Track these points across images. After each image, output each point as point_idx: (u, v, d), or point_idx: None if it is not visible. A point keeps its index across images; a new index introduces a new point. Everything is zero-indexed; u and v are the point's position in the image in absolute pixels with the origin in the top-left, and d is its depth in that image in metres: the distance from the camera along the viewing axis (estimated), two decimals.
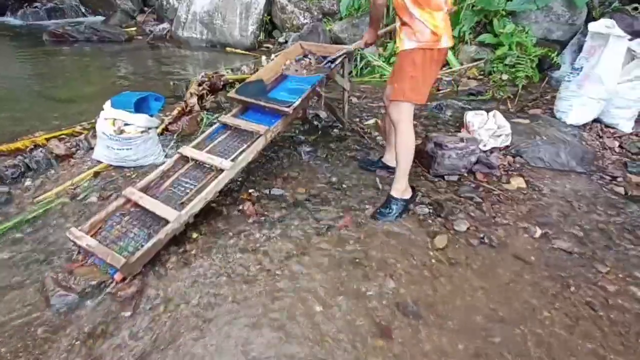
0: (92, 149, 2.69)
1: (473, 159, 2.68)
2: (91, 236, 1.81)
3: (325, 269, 1.86)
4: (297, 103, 2.37)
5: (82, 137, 2.78)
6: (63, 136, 2.79)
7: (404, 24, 1.96)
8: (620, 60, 3.02)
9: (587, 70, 3.13)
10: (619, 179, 2.72)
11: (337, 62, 2.79)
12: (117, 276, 1.66)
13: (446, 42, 1.97)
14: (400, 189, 2.21)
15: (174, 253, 1.89)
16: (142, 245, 1.76)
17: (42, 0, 7.90)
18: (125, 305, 1.59)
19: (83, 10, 8.06)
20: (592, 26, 3.10)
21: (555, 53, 4.66)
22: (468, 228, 2.18)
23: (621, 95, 3.12)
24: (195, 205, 1.92)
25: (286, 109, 2.32)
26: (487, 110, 3.44)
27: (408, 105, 2.07)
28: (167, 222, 1.83)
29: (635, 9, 5.17)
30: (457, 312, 1.68)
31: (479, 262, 1.96)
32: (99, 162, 2.57)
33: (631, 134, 3.24)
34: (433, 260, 1.96)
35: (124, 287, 1.65)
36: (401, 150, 2.13)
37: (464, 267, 1.93)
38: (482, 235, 2.12)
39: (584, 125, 3.28)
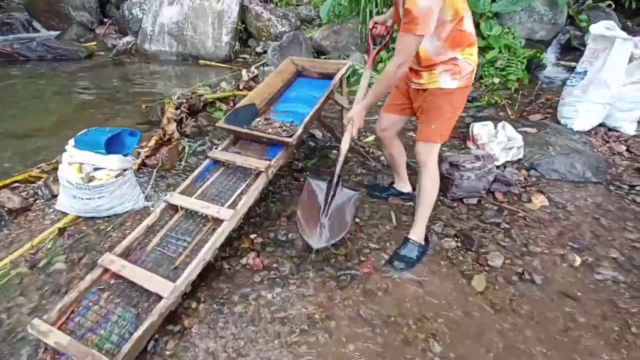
0: (54, 197, 2.25)
1: (491, 177, 2.47)
2: (61, 325, 1.42)
3: (357, 336, 1.55)
4: (300, 130, 2.06)
5: (40, 182, 2.34)
6: (16, 184, 2.33)
7: (439, 63, 1.70)
8: (625, 62, 2.91)
9: (592, 74, 3.00)
10: (637, 188, 2.59)
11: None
12: None
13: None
14: (422, 231, 1.99)
15: (171, 334, 1.52)
16: (130, 333, 1.39)
17: None
18: None
19: (35, 25, 7.32)
20: (594, 29, 2.97)
21: (542, 53, 4.60)
22: (503, 262, 1.94)
23: (625, 98, 3.01)
24: (193, 270, 1.57)
25: (288, 140, 2.00)
26: (487, 119, 3.27)
27: (438, 145, 1.87)
28: (159, 297, 1.47)
29: (610, 5, 5.22)
30: None
31: (525, 305, 1.73)
32: (64, 213, 2.14)
33: (635, 136, 3.14)
34: (476, 309, 1.70)
35: None
36: (428, 193, 1.92)
37: (512, 314, 1.68)
38: (520, 270, 1.89)
39: (589, 130, 3.16)
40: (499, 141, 2.77)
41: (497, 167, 2.63)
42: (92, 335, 1.41)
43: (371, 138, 3.19)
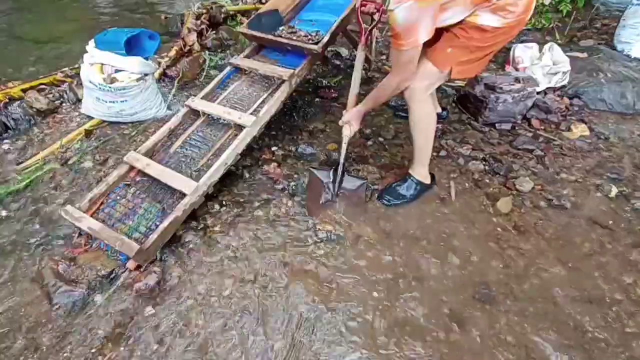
0: (79, 101, 2.25)
1: (530, 103, 2.29)
2: (92, 214, 1.48)
3: (375, 244, 1.57)
4: (326, 38, 1.91)
5: (65, 86, 2.33)
6: (42, 86, 2.33)
7: None
8: None
9: None
10: None
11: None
12: (131, 264, 1.37)
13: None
14: (422, 174, 1.76)
15: (194, 230, 1.58)
16: (156, 225, 1.44)
17: None
18: (145, 300, 1.31)
19: None
20: None
21: None
22: (533, 187, 1.86)
23: None
24: (215, 172, 1.57)
25: (314, 47, 1.87)
26: (533, 42, 2.96)
27: (439, 75, 1.53)
28: (183, 194, 1.49)
29: None
30: (537, 293, 1.42)
31: (552, 228, 1.68)
32: (90, 117, 2.16)
33: None
34: (498, 229, 1.67)
35: (140, 277, 1.36)
36: (422, 127, 1.64)
37: (535, 235, 1.65)
38: (549, 197, 1.81)
39: None
40: (543, 64, 2.53)
41: (538, 93, 2.43)
42: (121, 225, 1.47)
43: None
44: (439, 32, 1.47)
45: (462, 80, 2.37)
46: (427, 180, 1.79)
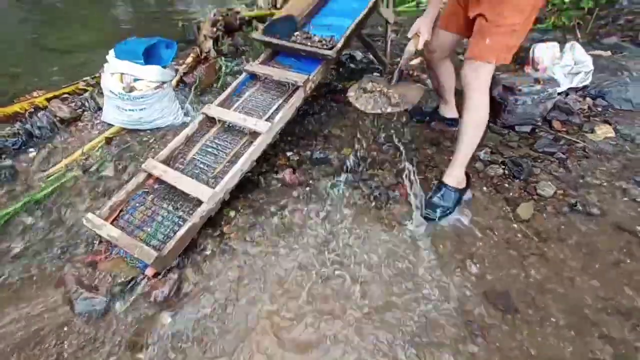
0: (100, 109, 2.31)
1: (550, 104, 2.23)
2: (112, 221, 1.52)
3: (393, 252, 1.55)
4: (341, 43, 1.90)
5: (87, 95, 2.40)
6: (65, 95, 2.40)
7: None
8: None
9: None
10: None
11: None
12: (149, 271, 1.39)
13: None
14: (458, 176, 1.69)
15: (211, 237, 1.59)
16: (174, 232, 1.46)
17: None
18: (163, 307, 1.33)
19: None
20: None
21: None
22: (555, 192, 1.80)
23: None
24: (231, 179, 1.59)
25: (328, 52, 1.87)
26: (553, 41, 2.88)
27: (491, 67, 1.51)
28: (200, 202, 1.51)
29: None
30: (560, 303, 1.38)
31: (575, 235, 1.62)
32: (110, 125, 2.21)
33: None
34: (519, 235, 1.62)
35: (159, 285, 1.38)
36: (470, 127, 1.59)
37: (558, 242, 1.59)
38: (573, 201, 1.75)
39: None
40: (564, 64, 2.46)
41: (559, 93, 2.36)
42: (140, 232, 1.50)
43: (416, 61, 2.94)
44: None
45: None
46: (463, 184, 1.71)
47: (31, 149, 2.10)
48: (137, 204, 1.59)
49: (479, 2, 1.49)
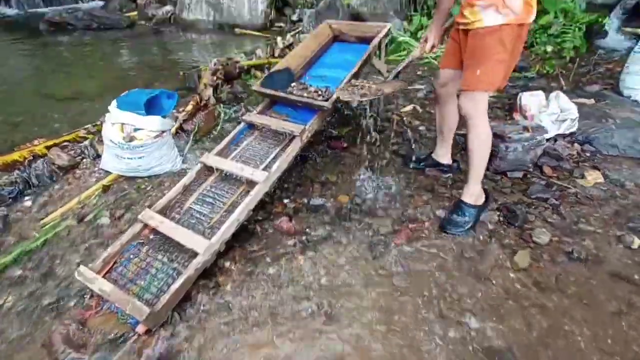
0: (99, 156, 2.34)
1: (540, 151, 2.29)
2: (105, 274, 1.49)
3: (390, 307, 1.52)
4: (336, 95, 1.98)
5: (87, 143, 2.44)
6: (65, 143, 2.44)
7: None
8: None
9: None
10: None
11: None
12: (140, 328, 1.34)
13: (534, 14, 1.56)
14: (475, 193, 1.86)
15: (205, 289, 1.56)
16: (168, 285, 1.43)
17: None
18: None
19: None
20: None
21: (605, 18, 4.15)
22: (550, 240, 1.81)
23: None
24: (227, 229, 1.59)
25: (324, 104, 1.94)
26: (537, 90, 3.01)
27: (486, 95, 1.70)
28: (195, 253, 1.50)
29: None
30: (564, 357, 1.34)
31: (574, 285, 1.61)
32: (108, 172, 2.23)
33: None
34: (518, 286, 1.61)
35: (150, 342, 1.33)
36: (476, 148, 1.78)
37: (557, 293, 1.58)
38: (569, 249, 1.76)
39: None
40: (551, 112, 2.56)
41: (547, 140, 2.44)
42: (133, 285, 1.47)
43: (409, 108, 3.05)
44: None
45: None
46: (481, 201, 1.88)
47: (27, 198, 2.10)
48: (132, 256, 1.57)
49: (468, 40, 1.66)
